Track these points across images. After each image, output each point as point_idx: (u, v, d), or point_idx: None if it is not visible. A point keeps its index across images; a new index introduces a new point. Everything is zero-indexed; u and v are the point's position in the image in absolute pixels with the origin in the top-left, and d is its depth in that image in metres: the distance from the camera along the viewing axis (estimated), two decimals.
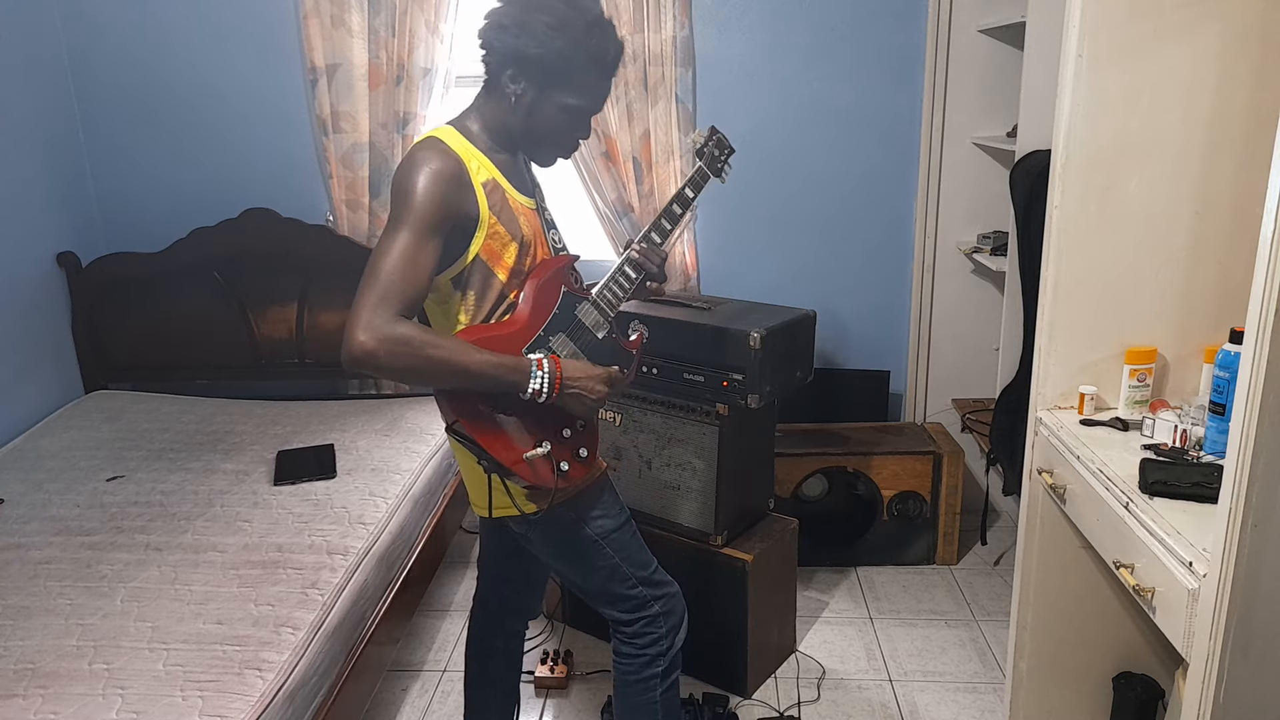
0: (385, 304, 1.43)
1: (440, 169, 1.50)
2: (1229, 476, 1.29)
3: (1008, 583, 2.97)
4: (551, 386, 1.56)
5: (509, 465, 1.58)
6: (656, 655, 1.83)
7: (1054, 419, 1.94)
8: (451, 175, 1.51)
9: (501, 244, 1.59)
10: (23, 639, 1.89)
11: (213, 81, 3.22)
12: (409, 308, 1.46)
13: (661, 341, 2.44)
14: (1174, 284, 1.87)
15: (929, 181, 3.22)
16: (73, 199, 3.31)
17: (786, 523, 2.62)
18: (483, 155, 1.59)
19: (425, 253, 1.48)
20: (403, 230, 1.47)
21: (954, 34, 3.08)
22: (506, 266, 1.60)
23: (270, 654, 1.84)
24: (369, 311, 1.42)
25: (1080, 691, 2.11)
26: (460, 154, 1.54)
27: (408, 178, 1.49)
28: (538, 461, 1.60)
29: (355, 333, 1.41)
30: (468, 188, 1.53)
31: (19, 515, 2.43)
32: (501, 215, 1.58)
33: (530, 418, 1.62)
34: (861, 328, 3.37)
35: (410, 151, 1.54)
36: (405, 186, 1.49)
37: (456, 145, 1.56)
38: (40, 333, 3.18)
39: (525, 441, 1.61)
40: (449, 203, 1.50)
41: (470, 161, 1.55)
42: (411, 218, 1.47)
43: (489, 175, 1.58)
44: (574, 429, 1.70)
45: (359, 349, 1.41)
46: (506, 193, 1.60)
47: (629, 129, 3.08)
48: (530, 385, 1.55)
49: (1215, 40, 1.73)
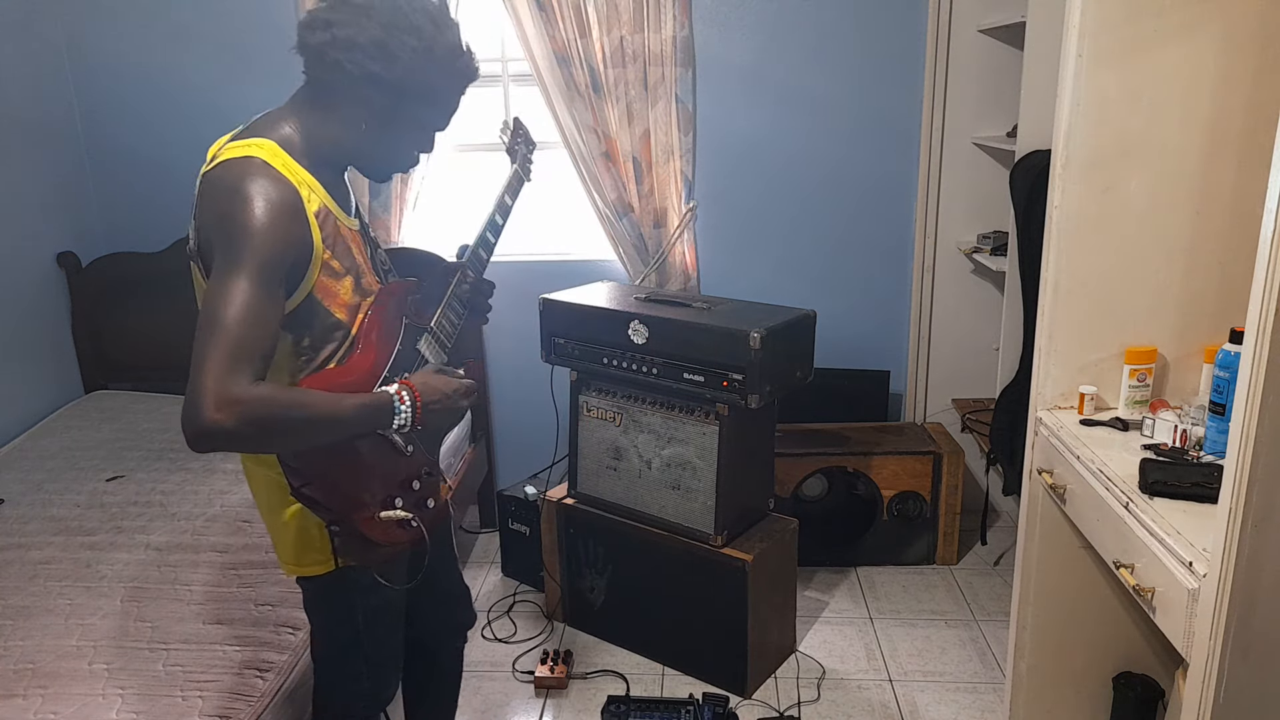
0: (237, 367, 1.20)
1: (277, 200, 1.28)
2: (1229, 476, 1.29)
3: (1008, 583, 2.97)
4: (414, 413, 1.41)
5: (360, 525, 1.43)
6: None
7: (1054, 419, 1.94)
8: (287, 207, 1.30)
9: (335, 279, 1.40)
10: (23, 639, 1.89)
11: (213, 81, 3.21)
12: (263, 366, 1.25)
13: (661, 341, 2.44)
14: (1174, 284, 1.87)
15: (929, 181, 3.22)
16: (73, 199, 3.31)
17: (786, 523, 2.62)
18: (310, 177, 1.38)
19: (272, 298, 1.27)
20: (243, 275, 1.23)
21: (954, 34, 3.08)
22: (343, 303, 1.42)
23: (270, 654, 1.85)
24: (217, 381, 1.18)
25: (1080, 691, 2.10)
26: (292, 180, 1.33)
27: (241, 210, 1.25)
28: (391, 523, 1.46)
29: (205, 409, 1.17)
30: (302, 220, 1.32)
31: (19, 515, 2.43)
32: (335, 248, 1.40)
33: (379, 470, 1.48)
34: (861, 328, 3.37)
35: (234, 175, 1.29)
36: (239, 221, 1.25)
37: (285, 168, 1.33)
38: (40, 333, 3.18)
39: (375, 496, 1.45)
40: (288, 239, 1.29)
41: (302, 188, 1.34)
42: (252, 259, 1.24)
43: (320, 203, 1.38)
44: (421, 479, 1.54)
45: (213, 427, 1.17)
46: (338, 220, 1.43)
47: (629, 129, 3.08)
48: (396, 420, 1.40)
49: (1215, 40, 1.73)
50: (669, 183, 3.15)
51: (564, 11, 2.95)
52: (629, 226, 3.16)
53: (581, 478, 2.73)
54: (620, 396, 2.60)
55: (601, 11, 2.97)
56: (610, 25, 2.99)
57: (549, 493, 2.81)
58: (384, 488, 1.48)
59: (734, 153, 3.23)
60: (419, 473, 1.55)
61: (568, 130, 3.09)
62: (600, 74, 3.02)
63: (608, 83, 3.03)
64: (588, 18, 2.97)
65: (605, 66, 3.02)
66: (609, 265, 3.31)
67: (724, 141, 3.21)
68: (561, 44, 2.98)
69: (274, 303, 1.28)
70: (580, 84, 3.02)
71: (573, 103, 3.04)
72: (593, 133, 3.06)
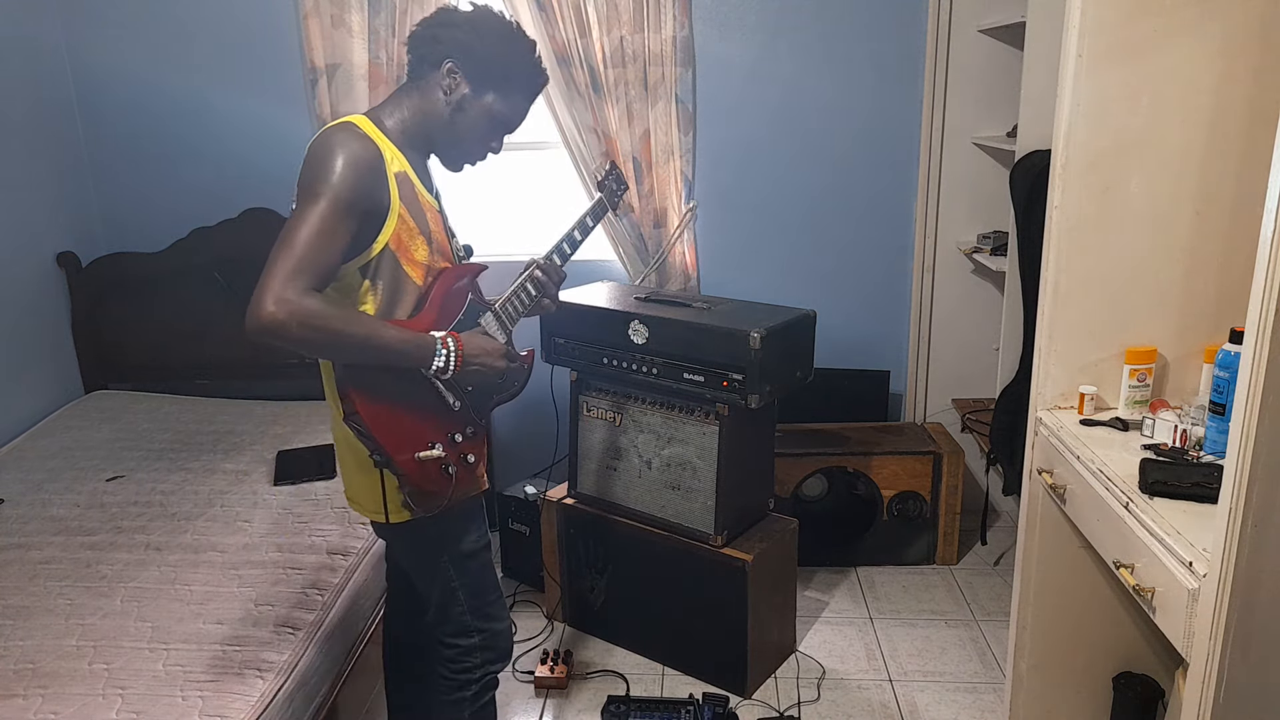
0: (298, 276, 1.41)
1: (358, 153, 1.49)
2: (1229, 476, 1.29)
3: (1008, 583, 2.97)
4: (454, 362, 1.58)
5: (399, 462, 1.58)
6: (467, 681, 1.83)
7: (1054, 419, 1.94)
8: (367, 161, 1.50)
9: (410, 235, 1.59)
10: (23, 639, 1.89)
11: (213, 81, 3.22)
12: (321, 282, 1.45)
13: (661, 341, 2.44)
14: (1174, 284, 1.87)
15: (929, 181, 3.22)
16: (73, 199, 3.31)
17: (786, 523, 2.62)
18: (395, 149, 1.59)
19: (340, 230, 1.46)
20: (319, 205, 1.45)
21: (954, 34, 3.08)
22: (416, 262, 1.61)
23: (270, 654, 1.85)
24: (280, 282, 1.39)
25: (1080, 691, 2.10)
26: (376, 142, 1.55)
27: (326, 157, 1.48)
28: (428, 462, 1.61)
29: (265, 303, 1.38)
30: (381, 176, 1.53)
31: (19, 515, 2.43)
32: (411, 208, 1.59)
33: (426, 418, 1.63)
34: (861, 328, 3.37)
35: (325, 133, 1.53)
36: (323, 164, 1.47)
37: (371, 133, 1.56)
38: (40, 333, 3.18)
39: (419, 441, 1.61)
40: (364, 187, 1.49)
41: (385, 150, 1.56)
42: (329, 193, 1.45)
43: (401, 167, 1.58)
44: (464, 434, 1.70)
45: (269, 319, 1.38)
46: (416, 187, 1.61)
47: (629, 129, 3.08)
48: (435, 362, 1.56)
49: (1215, 40, 1.73)
50: (669, 183, 3.15)
51: (564, 11, 2.95)
52: (629, 226, 3.16)
53: (581, 478, 2.73)
54: (620, 396, 2.60)
55: (601, 11, 2.97)
56: (610, 25, 2.99)
57: (549, 493, 2.81)
58: (426, 432, 1.62)
59: (734, 153, 3.23)
60: (462, 428, 1.69)
61: (568, 130, 3.09)
62: (600, 74, 3.02)
63: (608, 83, 3.03)
64: (588, 18, 2.97)
65: (605, 66, 3.02)
66: (609, 265, 3.31)
67: (724, 141, 3.21)
68: (561, 44, 2.98)
69: (340, 234, 1.47)
70: (580, 84, 3.02)
71: (573, 103, 3.04)
72: (593, 133, 3.06)
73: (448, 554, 1.76)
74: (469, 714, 1.85)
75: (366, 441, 1.58)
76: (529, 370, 1.86)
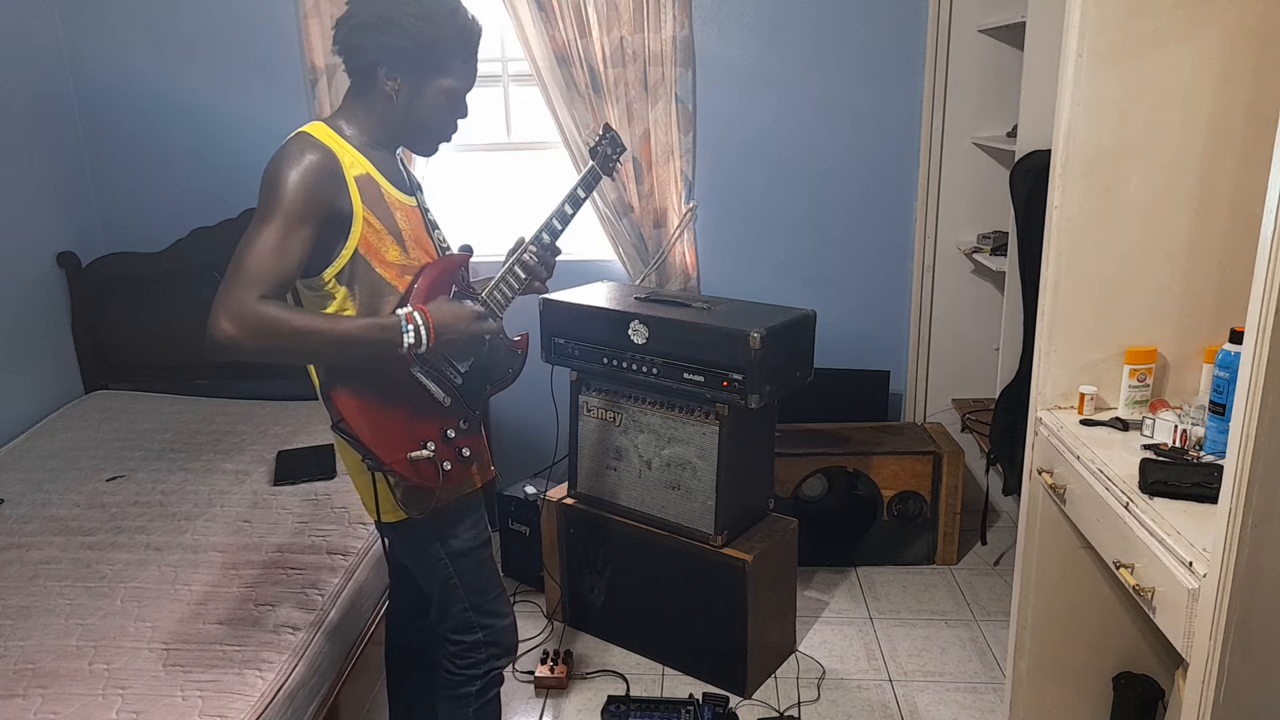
0: (248, 287, 1.41)
1: (311, 162, 1.48)
2: (1229, 476, 1.29)
3: (1008, 583, 2.97)
4: (426, 336, 1.55)
5: (391, 464, 1.58)
6: (472, 677, 1.84)
7: (1054, 419, 1.94)
8: (322, 168, 1.49)
9: (378, 237, 1.57)
10: (23, 639, 1.89)
11: (213, 82, 3.22)
12: (274, 291, 1.44)
13: (661, 341, 2.44)
14: (1174, 284, 1.87)
15: (929, 181, 3.22)
16: (73, 199, 3.31)
17: (786, 523, 2.62)
18: (356, 152, 1.57)
19: (293, 241, 1.45)
20: (269, 221, 1.45)
21: (954, 34, 3.08)
22: (388, 263, 1.59)
23: (270, 654, 1.85)
24: (231, 296, 1.40)
25: (1080, 691, 2.10)
26: (332, 148, 1.53)
27: (277, 171, 1.47)
28: (421, 462, 1.61)
29: (217, 319, 1.39)
30: (340, 181, 1.51)
31: (19, 515, 2.43)
32: (376, 209, 1.57)
33: (415, 418, 1.63)
34: (861, 328, 3.37)
35: (279, 149, 1.52)
36: (274, 179, 1.47)
37: (328, 139, 1.54)
38: (40, 333, 3.18)
39: (410, 442, 1.61)
40: (319, 195, 1.48)
41: (343, 156, 1.54)
42: (279, 209, 1.45)
43: (362, 170, 1.56)
44: (458, 429, 1.70)
45: (221, 334, 1.39)
46: (382, 188, 1.59)
47: (629, 129, 3.08)
48: (405, 339, 1.53)
49: (1215, 40, 1.73)
50: (669, 183, 3.15)
51: (564, 11, 2.95)
52: (629, 226, 3.16)
53: (581, 478, 2.73)
54: (620, 396, 2.60)
55: (601, 11, 2.97)
56: (610, 25, 2.99)
57: (549, 493, 2.81)
58: (418, 431, 1.62)
59: (734, 153, 3.23)
60: (455, 423, 1.70)
61: (568, 130, 3.09)
62: (600, 74, 3.02)
63: (608, 83, 3.03)
64: (588, 18, 2.97)
65: (605, 66, 3.02)
66: (609, 265, 3.31)
67: (724, 141, 3.21)
68: (561, 44, 2.98)
69: (294, 244, 1.45)
70: (580, 84, 3.02)
71: (573, 103, 3.04)
72: (593, 133, 3.06)
73: (444, 550, 1.76)
74: (473, 711, 1.86)
75: (357, 447, 1.58)
76: (524, 356, 1.86)
